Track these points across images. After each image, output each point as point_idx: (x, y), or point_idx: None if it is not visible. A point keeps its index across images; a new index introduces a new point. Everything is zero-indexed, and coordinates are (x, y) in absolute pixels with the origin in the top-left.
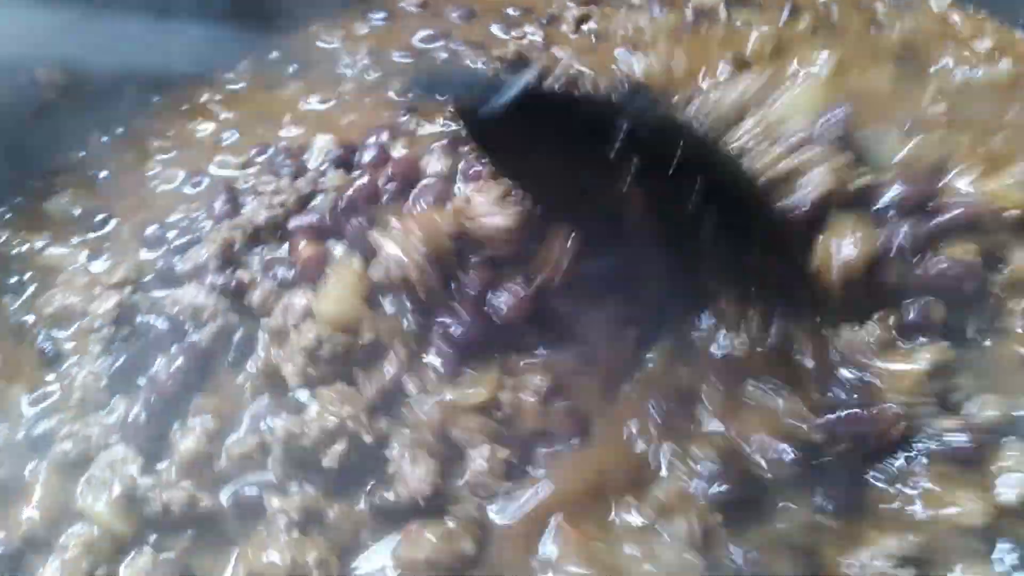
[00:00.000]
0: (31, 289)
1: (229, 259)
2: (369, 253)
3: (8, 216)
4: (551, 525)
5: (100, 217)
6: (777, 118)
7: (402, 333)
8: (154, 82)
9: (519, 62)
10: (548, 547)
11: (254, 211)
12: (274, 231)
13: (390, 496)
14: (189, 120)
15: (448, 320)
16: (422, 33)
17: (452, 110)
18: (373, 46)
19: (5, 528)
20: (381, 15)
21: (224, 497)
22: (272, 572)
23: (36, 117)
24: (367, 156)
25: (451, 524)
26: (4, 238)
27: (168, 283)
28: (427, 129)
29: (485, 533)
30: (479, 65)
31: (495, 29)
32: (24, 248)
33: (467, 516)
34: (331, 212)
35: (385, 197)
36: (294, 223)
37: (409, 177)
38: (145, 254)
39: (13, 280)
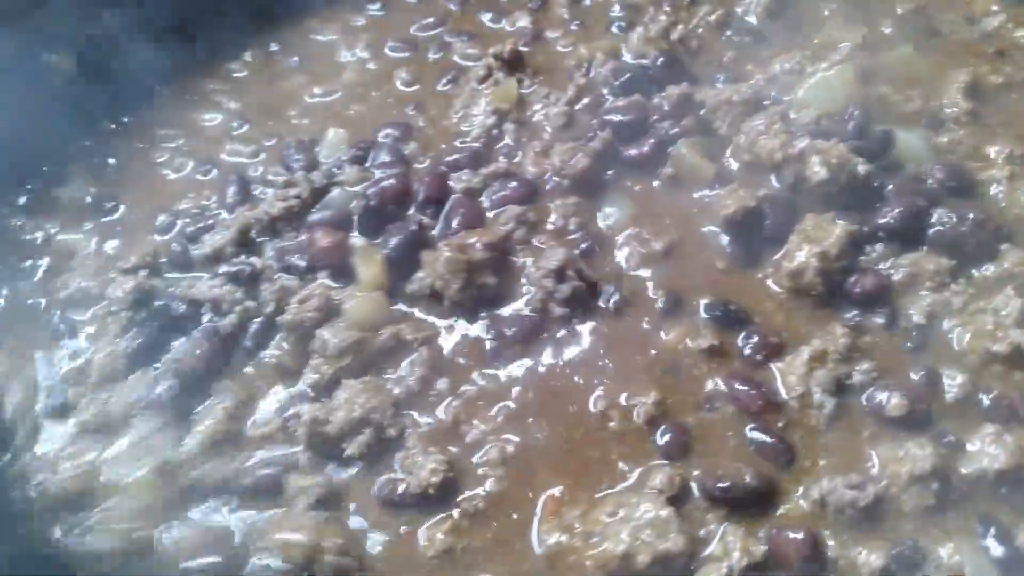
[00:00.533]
0: (44, 272)
1: (245, 246)
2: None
3: (22, 202)
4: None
5: (110, 204)
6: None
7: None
8: (159, 71)
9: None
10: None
11: (269, 203)
12: (290, 223)
13: (401, 487)
14: (196, 110)
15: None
16: (419, 23)
17: None
18: (372, 38)
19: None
20: (377, 6)
21: (245, 476)
22: (291, 551)
23: (47, 104)
24: (383, 156)
25: (456, 516)
26: (19, 224)
27: (184, 268)
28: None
29: (487, 521)
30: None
31: (486, 19)
32: (38, 234)
33: (473, 508)
34: (364, 210)
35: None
36: (315, 217)
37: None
38: (158, 239)
39: (27, 264)
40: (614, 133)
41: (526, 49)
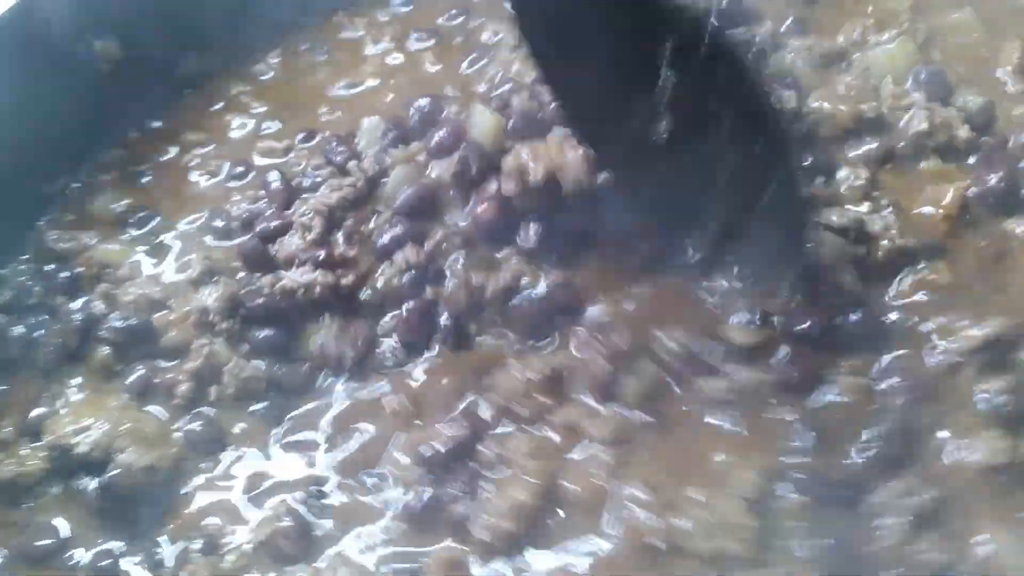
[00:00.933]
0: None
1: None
2: None
3: (58, 215)
4: None
5: (145, 214)
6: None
7: None
8: (185, 76)
9: None
10: None
11: (325, 194)
12: (348, 212)
13: None
14: (224, 114)
15: None
16: (445, 14)
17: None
18: (397, 31)
19: None
20: (400, 0)
21: None
22: None
23: (76, 109)
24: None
25: None
26: (55, 236)
27: (262, 267)
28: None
29: None
30: None
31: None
32: (72, 244)
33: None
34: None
35: None
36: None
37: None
38: (217, 244)
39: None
40: None
41: None
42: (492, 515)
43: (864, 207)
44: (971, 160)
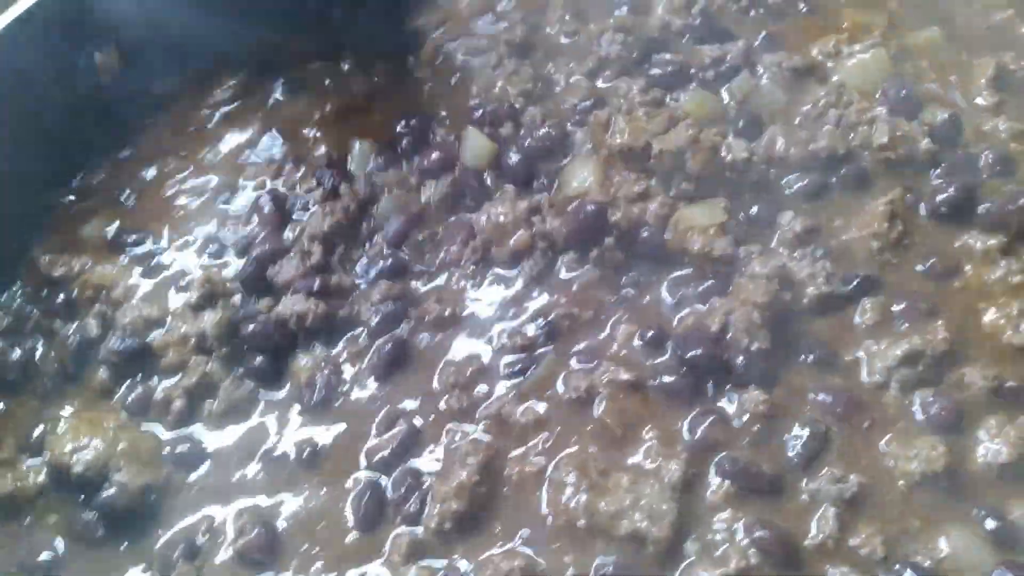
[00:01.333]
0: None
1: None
2: None
3: (51, 240)
4: None
5: (137, 236)
6: (844, 85)
7: None
8: (156, 101)
9: None
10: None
11: (318, 218)
12: (342, 237)
13: None
14: (202, 136)
15: None
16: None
17: None
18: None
19: None
20: None
21: None
22: None
23: (62, 131)
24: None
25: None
26: (48, 259)
27: (259, 292)
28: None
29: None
30: None
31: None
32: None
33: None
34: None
35: None
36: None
37: None
38: (217, 267)
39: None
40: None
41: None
42: (439, 500)
43: (796, 253)
44: (933, 173)
